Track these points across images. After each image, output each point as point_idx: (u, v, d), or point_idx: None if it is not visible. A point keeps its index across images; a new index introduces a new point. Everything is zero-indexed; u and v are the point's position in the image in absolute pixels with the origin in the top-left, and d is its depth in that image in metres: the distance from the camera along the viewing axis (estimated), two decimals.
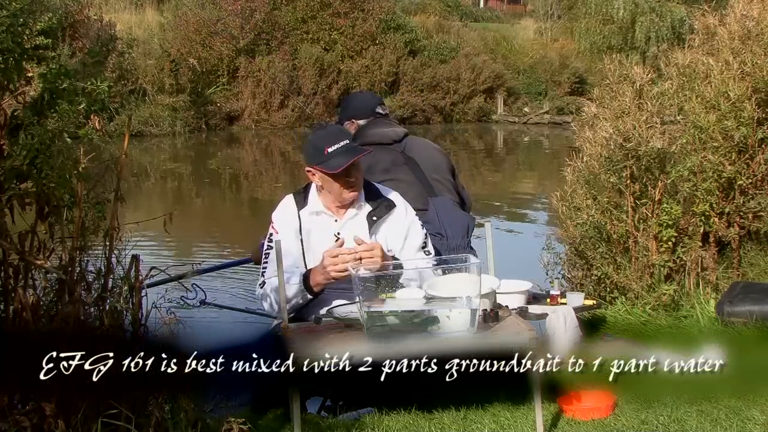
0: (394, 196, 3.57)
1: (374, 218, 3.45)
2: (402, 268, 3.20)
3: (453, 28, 28.89)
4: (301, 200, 3.50)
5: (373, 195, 3.51)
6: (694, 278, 4.93)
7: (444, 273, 3.04)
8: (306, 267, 3.41)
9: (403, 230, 3.49)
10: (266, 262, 3.45)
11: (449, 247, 3.88)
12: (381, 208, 3.48)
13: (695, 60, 5.47)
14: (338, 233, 3.42)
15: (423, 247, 3.52)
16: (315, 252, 3.41)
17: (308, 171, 3.44)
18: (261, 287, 3.45)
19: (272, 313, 3.51)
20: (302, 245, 3.44)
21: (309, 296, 3.33)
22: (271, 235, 3.46)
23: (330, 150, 3.34)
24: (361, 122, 4.31)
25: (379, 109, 4.33)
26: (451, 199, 4.23)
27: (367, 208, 3.47)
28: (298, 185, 3.81)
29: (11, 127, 2.51)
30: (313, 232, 3.45)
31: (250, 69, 22.58)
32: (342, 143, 3.36)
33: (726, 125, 5.10)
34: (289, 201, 3.54)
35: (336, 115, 6.70)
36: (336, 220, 3.46)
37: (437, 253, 3.62)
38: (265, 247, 3.49)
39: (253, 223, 11.13)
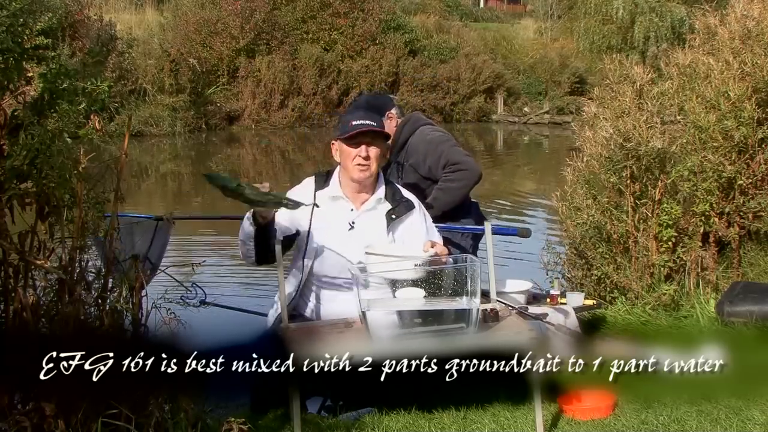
0: (412, 197, 3.57)
1: (393, 216, 3.44)
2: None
3: (453, 28, 28.81)
4: (322, 182, 3.51)
5: (392, 194, 3.51)
6: (694, 278, 4.93)
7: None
8: (306, 246, 3.39)
9: (423, 231, 3.49)
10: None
11: None
12: (401, 207, 3.47)
13: (695, 60, 5.47)
14: (353, 222, 3.42)
15: None
16: (323, 235, 3.39)
17: (332, 144, 3.51)
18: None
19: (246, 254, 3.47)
20: (310, 224, 3.40)
21: (254, 227, 3.28)
22: None
23: (354, 123, 3.41)
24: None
25: (393, 111, 4.50)
26: None
27: (387, 205, 3.47)
28: None
29: (11, 127, 2.51)
30: (326, 215, 3.40)
31: (250, 69, 22.57)
32: (367, 121, 3.42)
33: (726, 125, 5.10)
34: (309, 180, 3.56)
35: (336, 114, 6.70)
36: (352, 209, 3.45)
37: None
38: None
39: None
